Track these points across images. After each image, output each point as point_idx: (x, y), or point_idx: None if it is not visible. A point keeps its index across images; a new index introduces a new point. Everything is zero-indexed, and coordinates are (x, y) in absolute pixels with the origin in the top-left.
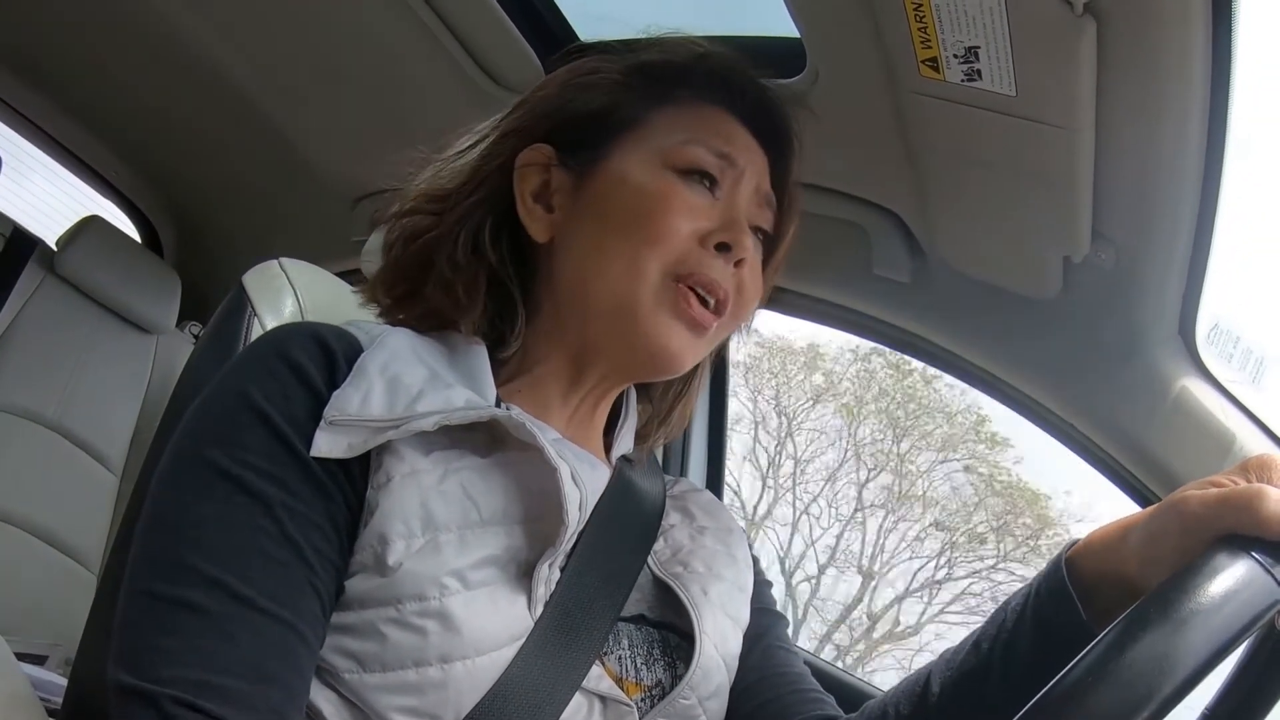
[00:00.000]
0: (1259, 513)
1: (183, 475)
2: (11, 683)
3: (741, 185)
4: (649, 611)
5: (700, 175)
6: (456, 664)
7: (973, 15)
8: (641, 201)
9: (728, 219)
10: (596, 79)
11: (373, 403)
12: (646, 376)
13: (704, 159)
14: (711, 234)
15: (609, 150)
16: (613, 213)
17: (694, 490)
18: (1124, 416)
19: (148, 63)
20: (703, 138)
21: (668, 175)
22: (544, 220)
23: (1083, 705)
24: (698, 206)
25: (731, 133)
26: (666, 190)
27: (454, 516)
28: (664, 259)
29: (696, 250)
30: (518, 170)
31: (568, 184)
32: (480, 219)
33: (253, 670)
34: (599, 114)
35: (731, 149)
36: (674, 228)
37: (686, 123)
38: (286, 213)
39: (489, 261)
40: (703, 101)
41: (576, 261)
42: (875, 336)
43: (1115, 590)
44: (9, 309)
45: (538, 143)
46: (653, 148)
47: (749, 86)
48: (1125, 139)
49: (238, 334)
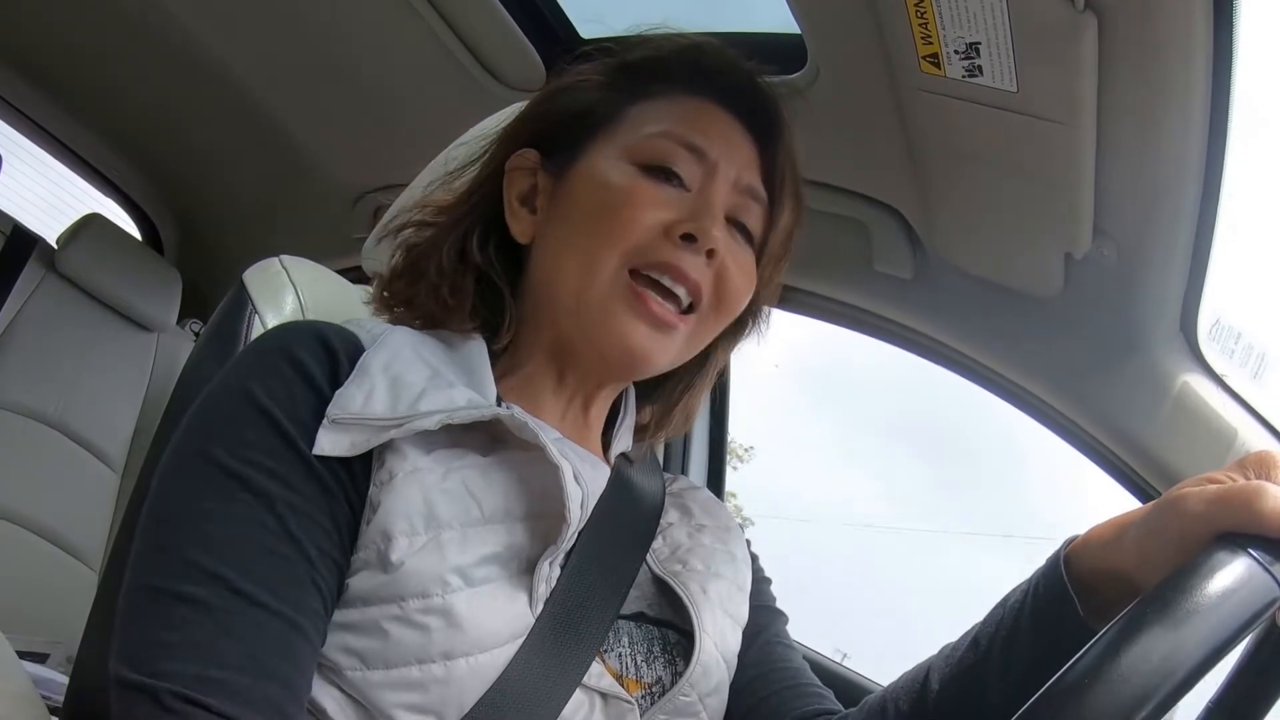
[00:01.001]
0: (1257, 510)
1: (186, 472)
2: (13, 681)
3: (717, 177)
4: (649, 609)
5: (664, 170)
6: (459, 660)
7: (973, 11)
8: (603, 197)
9: (696, 209)
10: (581, 80)
11: (375, 401)
12: (621, 377)
13: (669, 152)
14: (676, 224)
15: (584, 150)
16: (577, 210)
17: (693, 488)
18: (1125, 412)
19: (149, 61)
20: (673, 130)
21: (631, 170)
22: (527, 221)
23: (1081, 705)
24: (662, 199)
25: (709, 123)
26: (628, 186)
27: (456, 514)
28: (619, 251)
29: (659, 241)
30: (507, 174)
31: (549, 186)
32: (470, 225)
33: (253, 665)
34: (579, 115)
35: (704, 140)
36: (634, 220)
37: (659, 116)
38: (287, 210)
39: (475, 264)
40: (683, 94)
41: (546, 261)
42: (876, 333)
43: (1113, 587)
44: (9, 307)
45: (525, 147)
46: (620, 144)
47: (735, 76)
48: (1126, 135)
49: (238, 331)
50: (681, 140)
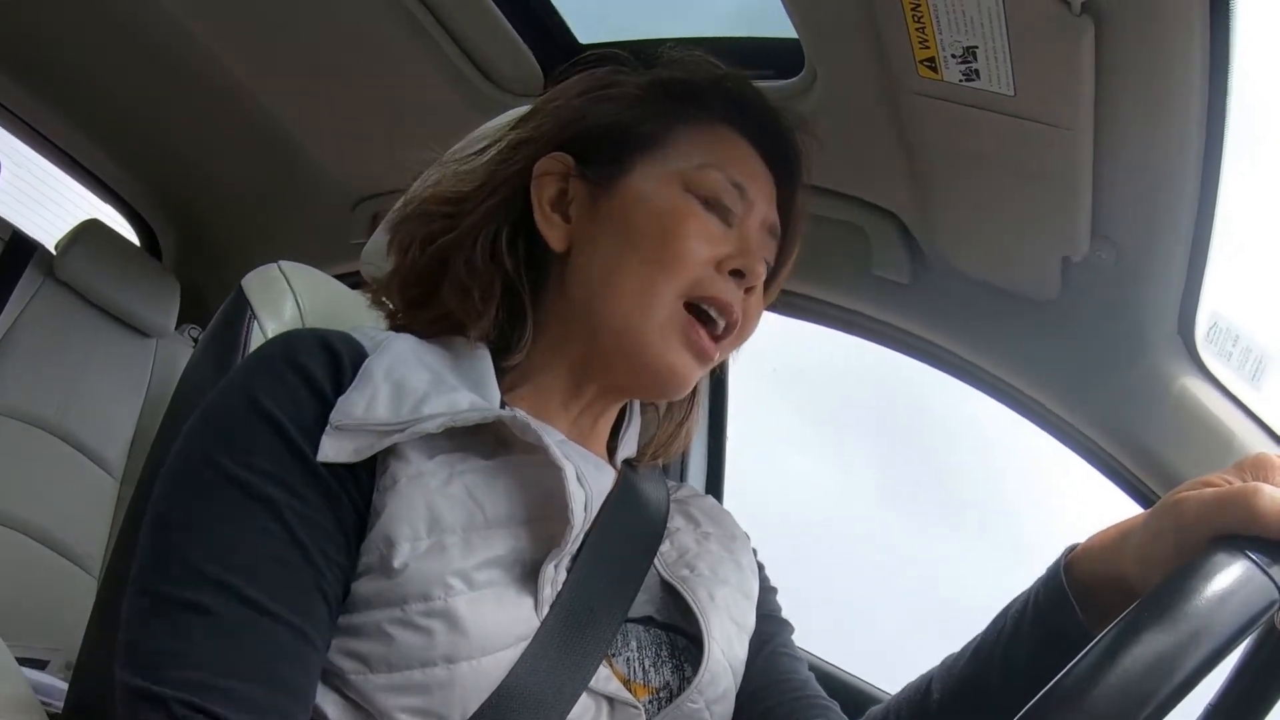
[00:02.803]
0: (1255, 510)
1: (190, 479)
2: (13, 687)
3: (753, 215)
4: (657, 613)
5: (718, 203)
6: (462, 664)
7: (970, 15)
8: (661, 223)
9: (743, 246)
10: (615, 92)
11: (378, 407)
12: (647, 396)
13: (722, 187)
14: (728, 259)
15: (629, 166)
16: (631, 231)
17: (697, 495)
18: (1123, 415)
19: (147, 66)
20: (721, 164)
21: (688, 199)
22: (561, 229)
23: (1080, 708)
24: (714, 233)
25: (746, 160)
26: (686, 213)
27: (459, 519)
28: (679, 282)
29: (712, 274)
30: (536, 178)
31: (586, 195)
32: (498, 224)
33: (260, 674)
34: (618, 128)
35: (745, 179)
36: (692, 252)
37: (707, 146)
38: (286, 216)
39: (505, 267)
40: (719, 123)
41: (591, 275)
42: (874, 337)
43: (1114, 593)
44: (8, 313)
45: (555, 151)
46: (673, 169)
47: (764, 113)
48: (1124, 138)
49: (237, 337)
50: (731, 177)
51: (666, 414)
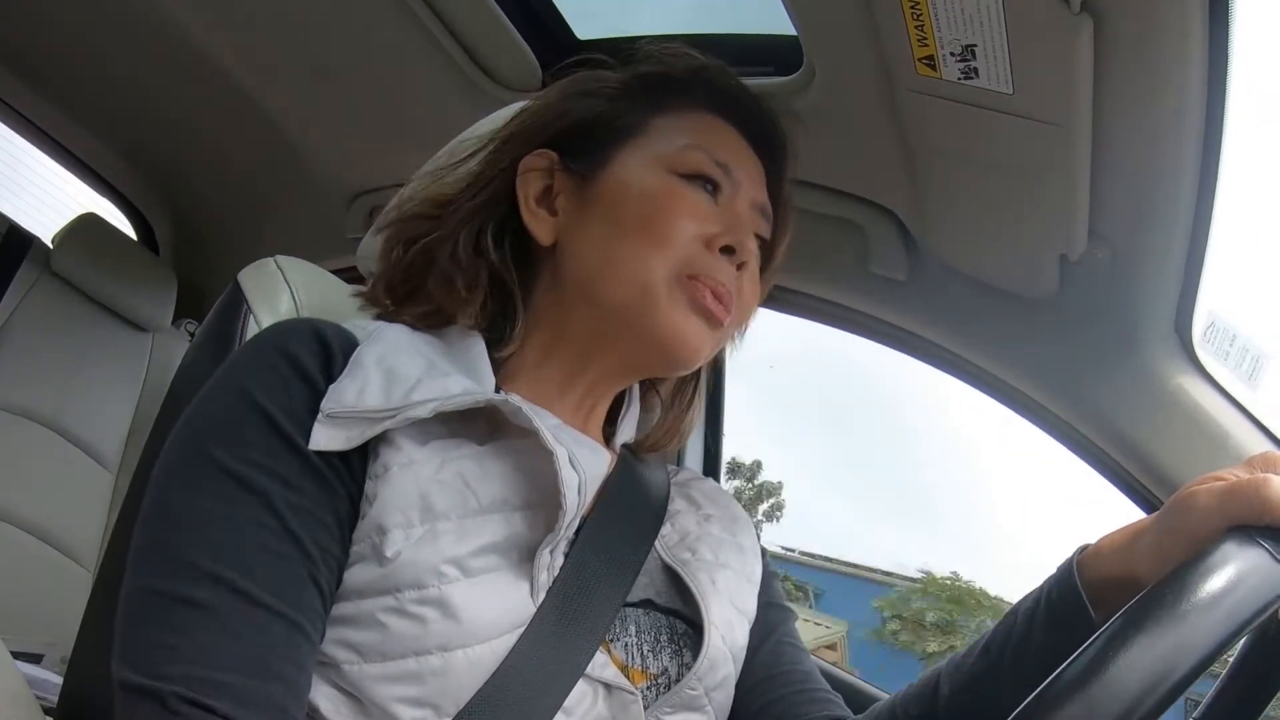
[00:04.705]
0: (1266, 499)
1: (184, 472)
2: (7, 681)
3: (740, 194)
4: (657, 597)
5: (702, 180)
6: (456, 652)
7: (969, 13)
8: (648, 205)
9: (731, 222)
10: (596, 87)
11: (369, 394)
12: (660, 371)
13: (705, 164)
14: (716, 236)
15: (612, 155)
16: (620, 216)
17: (697, 478)
18: (1119, 413)
19: (144, 60)
20: (703, 144)
21: (671, 179)
22: (548, 223)
23: (1089, 692)
24: (701, 210)
25: (731, 144)
26: (671, 193)
27: (452, 505)
28: (671, 261)
29: (703, 253)
30: (521, 174)
31: (572, 188)
32: (482, 220)
33: (257, 666)
34: (600, 120)
35: (730, 159)
36: (680, 229)
37: (687, 128)
38: (282, 210)
39: (490, 260)
40: (703, 110)
41: (587, 261)
42: (871, 335)
43: (1126, 592)
44: (4, 307)
45: (540, 148)
46: (654, 153)
47: (745, 99)
48: (1122, 137)
49: (234, 331)
50: (714, 155)
51: (673, 399)
